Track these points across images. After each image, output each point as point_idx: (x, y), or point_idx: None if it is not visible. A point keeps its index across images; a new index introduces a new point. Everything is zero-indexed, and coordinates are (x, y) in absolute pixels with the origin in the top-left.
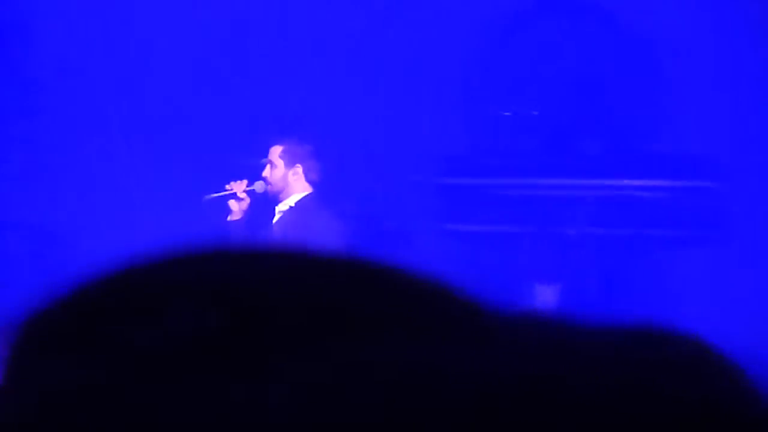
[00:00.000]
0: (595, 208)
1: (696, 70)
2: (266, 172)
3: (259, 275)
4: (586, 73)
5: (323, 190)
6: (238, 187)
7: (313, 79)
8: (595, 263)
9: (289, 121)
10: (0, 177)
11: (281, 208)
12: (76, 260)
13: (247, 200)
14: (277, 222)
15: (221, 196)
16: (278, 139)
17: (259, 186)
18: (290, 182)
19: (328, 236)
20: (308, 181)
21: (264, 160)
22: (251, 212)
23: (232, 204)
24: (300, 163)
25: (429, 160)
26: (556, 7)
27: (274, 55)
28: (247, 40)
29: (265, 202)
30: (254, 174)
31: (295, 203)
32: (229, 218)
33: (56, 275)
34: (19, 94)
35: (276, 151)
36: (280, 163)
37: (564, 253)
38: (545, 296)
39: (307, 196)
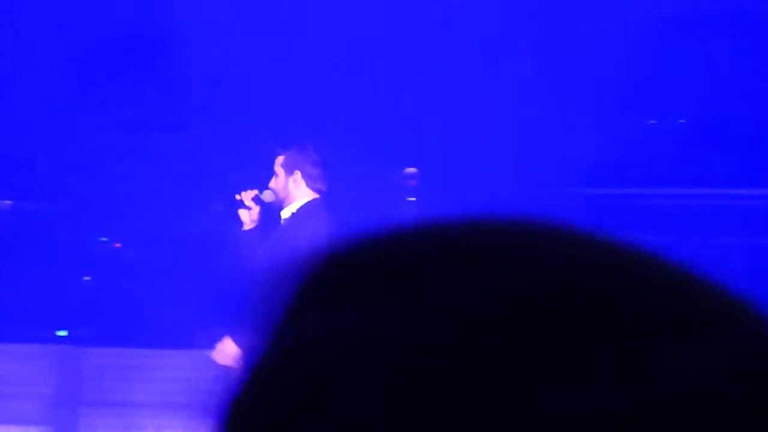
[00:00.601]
0: (742, 217)
1: None
2: (273, 182)
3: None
4: (734, 82)
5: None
6: (247, 196)
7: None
8: (742, 272)
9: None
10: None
11: (284, 214)
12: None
13: (257, 209)
14: (283, 228)
15: (231, 205)
16: (287, 147)
17: (267, 195)
18: (291, 190)
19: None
20: (312, 188)
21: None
22: (263, 220)
23: (242, 214)
24: (299, 170)
25: (575, 169)
26: (703, 18)
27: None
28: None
29: (271, 210)
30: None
31: (297, 209)
32: (243, 228)
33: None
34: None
35: (278, 161)
36: (281, 172)
37: (709, 262)
38: None
39: (313, 201)
